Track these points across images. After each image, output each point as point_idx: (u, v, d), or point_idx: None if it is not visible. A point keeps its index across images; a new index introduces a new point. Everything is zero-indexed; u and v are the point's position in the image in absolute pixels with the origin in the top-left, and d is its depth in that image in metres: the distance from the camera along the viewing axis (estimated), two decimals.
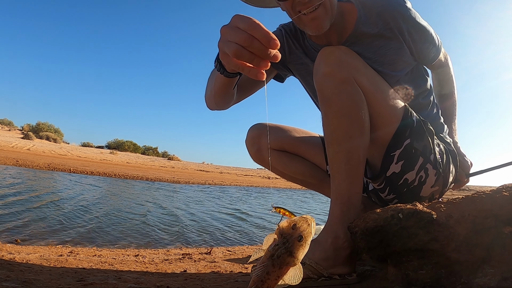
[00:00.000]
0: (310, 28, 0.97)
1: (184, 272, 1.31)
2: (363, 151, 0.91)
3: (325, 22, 0.95)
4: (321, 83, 0.90)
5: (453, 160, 1.10)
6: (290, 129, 1.34)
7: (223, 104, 1.04)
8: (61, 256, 1.55)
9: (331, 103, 0.89)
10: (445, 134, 1.15)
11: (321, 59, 0.91)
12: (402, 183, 1.02)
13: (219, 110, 1.08)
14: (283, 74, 1.26)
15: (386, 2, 1.01)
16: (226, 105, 1.06)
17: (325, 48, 0.93)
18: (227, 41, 0.55)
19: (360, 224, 0.77)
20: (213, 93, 0.94)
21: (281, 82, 1.28)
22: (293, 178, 1.38)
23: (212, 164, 28.93)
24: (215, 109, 1.07)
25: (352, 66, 0.90)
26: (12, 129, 22.93)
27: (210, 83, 0.97)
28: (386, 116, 0.96)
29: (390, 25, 0.99)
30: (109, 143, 27.49)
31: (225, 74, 0.77)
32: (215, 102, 1.01)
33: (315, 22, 0.94)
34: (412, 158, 0.99)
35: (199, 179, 11.96)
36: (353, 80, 0.89)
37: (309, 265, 0.84)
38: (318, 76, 0.91)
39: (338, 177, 0.90)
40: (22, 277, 0.93)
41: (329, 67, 0.88)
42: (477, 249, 0.65)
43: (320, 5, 0.91)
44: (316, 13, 0.92)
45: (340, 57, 0.90)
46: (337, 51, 0.91)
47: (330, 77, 0.88)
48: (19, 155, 10.95)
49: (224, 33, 0.56)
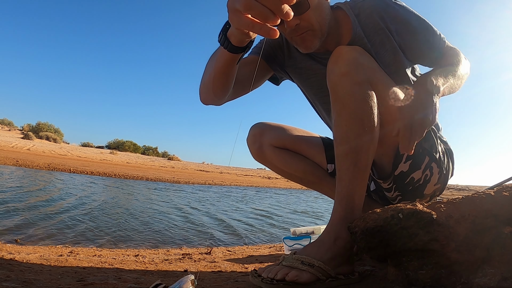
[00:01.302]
0: (300, 48, 1.01)
1: (184, 272, 1.31)
2: (371, 154, 0.91)
3: (314, 42, 0.99)
4: (336, 83, 0.89)
5: (451, 159, 1.13)
6: (291, 128, 1.35)
7: (219, 92, 0.97)
8: (61, 256, 1.55)
9: (345, 103, 0.88)
10: (441, 134, 1.17)
11: (337, 59, 0.90)
12: (408, 181, 1.04)
13: (214, 103, 1.03)
14: (279, 76, 1.27)
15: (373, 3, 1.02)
16: (223, 94, 0.99)
17: (341, 47, 0.92)
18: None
19: (360, 224, 0.77)
20: (213, 75, 0.90)
21: (276, 85, 1.29)
22: (293, 176, 1.37)
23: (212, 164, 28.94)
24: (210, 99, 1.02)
25: (368, 68, 0.90)
26: (12, 129, 22.93)
27: (209, 66, 0.94)
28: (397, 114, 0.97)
29: (380, 25, 1.00)
30: (109, 143, 27.52)
31: (229, 47, 0.75)
32: (213, 88, 0.95)
33: (305, 43, 0.99)
34: (419, 157, 1.01)
35: (199, 179, 11.96)
36: (368, 82, 0.89)
37: (318, 266, 0.84)
38: (334, 76, 0.90)
39: (346, 178, 0.90)
40: (22, 277, 0.93)
41: (346, 68, 0.88)
42: (477, 249, 0.65)
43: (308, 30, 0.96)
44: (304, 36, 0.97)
45: (357, 58, 0.89)
46: (354, 51, 0.91)
47: (347, 78, 0.88)
48: (19, 155, 10.95)
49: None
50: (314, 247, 0.90)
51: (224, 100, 1.04)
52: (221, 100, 1.02)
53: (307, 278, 0.82)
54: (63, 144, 22.48)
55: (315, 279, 0.83)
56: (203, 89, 1.00)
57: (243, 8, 0.53)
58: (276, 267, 0.86)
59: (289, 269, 0.83)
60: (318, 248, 0.89)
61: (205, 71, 0.98)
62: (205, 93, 1.00)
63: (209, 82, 0.94)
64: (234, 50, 0.76)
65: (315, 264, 0.84)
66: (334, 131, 0.93)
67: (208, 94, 0.99)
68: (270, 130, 1.31)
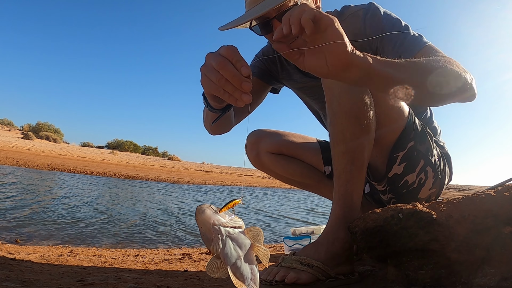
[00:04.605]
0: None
1: (184, 272, 1.31)
2: (368, 152, 0.91)
3: None
4: (331, 83, 0.89)
5: (448, 163, 1.12)
6: (288, 134, 1.38)
7: (221, 131, 1.06)
8: (61, 256, 1.55)
9: (340, 102, 0.88)
10: (439, 138, 1.16)
11: None
12: (402, 184, 1.03)
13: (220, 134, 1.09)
14: (278, 87, 1.31)
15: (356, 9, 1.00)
16: (226, 130, 1.07)
17: None
18: (208, 80, 0.62)
19: (360, 224, 0.77)
20: (208, 124, 0.96)
21: (275, 94, 1.33)
22: (291, 180, 1.40)
23: (212, 164, 28.94)
24: (216, 134, 1.08)
25: None
26: (12, 129, 22.93)
27: (204, 115, 0.98)
28: (393, 116, 0.96)
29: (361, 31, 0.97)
30: (109, 143, 27.50)
31: (210, 108, 0.80)
32: (213, 132, 1.03)
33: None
34: (414, 160, 1.00)
35: (199, 179, 11.96)
36: None
37: (317, 267, 0.84)
38: None
39: (343, 178, 0.90)
40: (22, 277, 0.93)
41: None
42: (477, 249, 0.65)
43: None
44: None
45: None
46: None
47: None
48: (19, 155, 10.95)
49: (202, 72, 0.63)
50: (313, 247, 0.90)
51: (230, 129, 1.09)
52: (226, 131, 1.08)
53: (306, 279, 0.82)
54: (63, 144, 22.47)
55: (314, 280, 0.83)
56: (206, 128, 1.05)
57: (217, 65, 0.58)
58: (275, 269, 0.86)
59: (288, 270, 0.83)
60: (317, 248, 0.89)
61: (203, 114, 1.01)
62: (209, 131, 1.06)
63: (208, 127, 1.00)
64: (214, 111, 0.80)
65: (314, 265, 0.84)
66: (330, 131, 0.93)
67: (212, 133, 1.06)
68: (266, 137, 1.35)
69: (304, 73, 1.15)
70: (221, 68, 0.58)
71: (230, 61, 0.58)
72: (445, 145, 1.16)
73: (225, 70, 0.58)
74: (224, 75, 0.58)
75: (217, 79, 0.59)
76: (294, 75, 1.18)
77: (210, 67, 0.60)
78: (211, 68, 0.59)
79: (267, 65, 1.21)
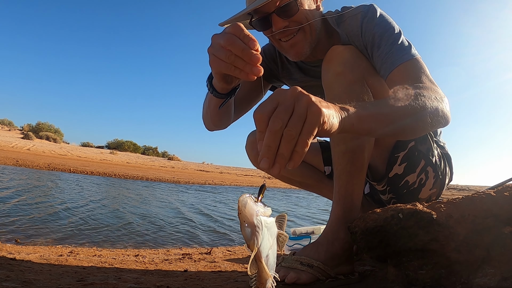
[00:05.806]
0: (290, 55, 0.99)
1: (184, 272, 1.31)
2: (368, 153, 0.91)
3: (305, 47, 0.96)
4: (331, 82, 0.89)
5: (448, 163, 1.12)
6: None
7: (221, 124, 1.05)
8: (61, 256, 1.55)
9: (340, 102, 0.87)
10: (439, 138, 1.16)
11: (332, 58, 0.90)
12: (403, 184, 1.03)
13: (218, 129, 1.09)
14: (278, 85, 1.30)
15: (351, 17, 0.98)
16: (225, 125, 1.07)
17: (336, 46, 0.92)
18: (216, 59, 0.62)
19: (360, 224, 0.77)
20: (209, 114, 0.95)
21: None
22: (291, 180, 1.40)
23: (212, 164, 28.93)
24: (214, 129, 1.07)
25: (363, 67, 0.90)
26: (12, 129, 22.92)
27: (205, 105, 0.98)
28: None
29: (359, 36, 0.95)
30: (109, 143, 27.50)
31: (215, 94, 0.80)
32: (213, 123, 1.02)
33: (295, 49, 0.96)
34: (415, 160, 1.00)
35: (199, 179, 11.95)
36: (364, 80, 0.89)
37: (317, 267, 0.85)
38: (329, 75, 0.90)
39: (343, 178, 0.90)
40: (22, 277, 0.93)
41: (341, 67, 0.88)
42: (477, 249, 0.65)
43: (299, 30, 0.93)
44: (295, 39, 0.94)
45: (352, 57, 0.89)
46: (348, 50, 0.90)
47: (342, 77, 0.88)
48: (19, 155, 10.95)
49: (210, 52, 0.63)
50: (313, 247, 0.90)
51: (228, 125, 1.09)
52: (224, 127, 1.08)
53: (306, 279, 0.82)
54: (63, 144, 22.46)
55: (314, 279, 0.83)
56: (205, 121, 1.05)
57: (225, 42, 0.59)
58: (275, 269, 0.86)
59: (288, 270, 0.83)
60: (317, 248, 0.89)
61: (204, 106, 1.01)
62: (208, 124, 1.05)
63: (208, 118, 1.00)
64: (220, 96, 0.80)
65: (314, 265, 0.84)
66: None
67: (211, 126, 1.05)
68: None
69: (305, 73, 1.14)
70: (229, 44, 0.58)
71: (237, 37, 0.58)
72: (446, 145, 1.16)
73: (234, 46, 0.58)
74: (233, 50, 0.58)
75: (227, 56, 0.59)
76: (295, 74, 1.17)
77: (217, 46, 0.60)
78: (219, 47, 0.60)
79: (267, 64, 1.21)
